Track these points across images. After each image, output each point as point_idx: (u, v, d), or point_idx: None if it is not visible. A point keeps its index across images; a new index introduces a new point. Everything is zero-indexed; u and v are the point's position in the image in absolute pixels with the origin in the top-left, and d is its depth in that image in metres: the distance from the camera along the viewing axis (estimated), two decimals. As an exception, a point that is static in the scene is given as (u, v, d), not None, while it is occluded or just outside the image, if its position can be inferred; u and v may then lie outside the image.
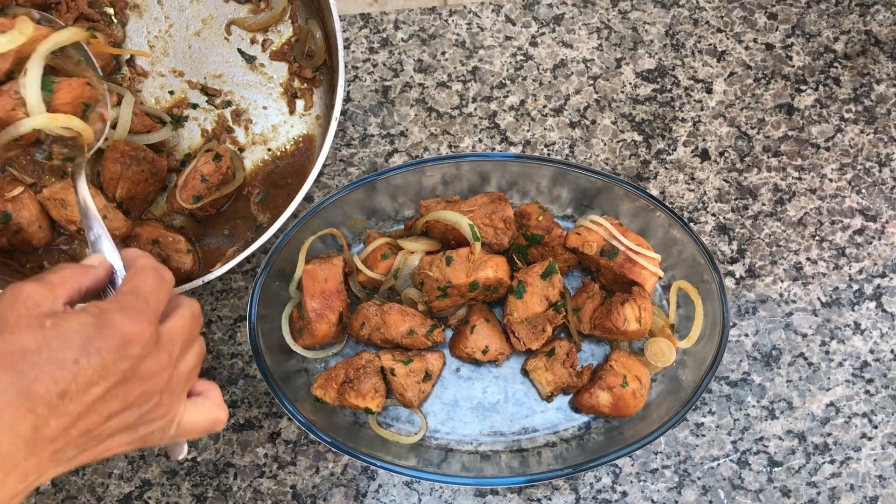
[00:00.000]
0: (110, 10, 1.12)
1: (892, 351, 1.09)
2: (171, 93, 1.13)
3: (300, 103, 1.12)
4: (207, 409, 0.75)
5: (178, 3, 1.13)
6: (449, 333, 1.07)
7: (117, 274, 0.77)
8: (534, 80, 1.18)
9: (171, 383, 0.69)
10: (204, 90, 1.12)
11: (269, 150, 1.12)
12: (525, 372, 1.05)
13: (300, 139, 1.11)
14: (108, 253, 0.78)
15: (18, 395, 0.58)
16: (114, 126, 1.05)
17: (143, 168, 1.03)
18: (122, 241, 1.07)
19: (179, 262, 1.04)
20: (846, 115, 1.17)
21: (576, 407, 1.04)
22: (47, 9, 1.08)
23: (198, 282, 0.98)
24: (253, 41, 1.14)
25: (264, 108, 1.13)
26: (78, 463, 0.64)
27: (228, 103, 1.12)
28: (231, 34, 1.14)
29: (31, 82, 0.83)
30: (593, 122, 1.17)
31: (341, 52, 1.02)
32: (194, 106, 1.12)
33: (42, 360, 0.59)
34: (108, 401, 0.62)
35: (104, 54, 1.07)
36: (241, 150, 1.12)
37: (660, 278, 1.03)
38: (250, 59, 1.13)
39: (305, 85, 1.13)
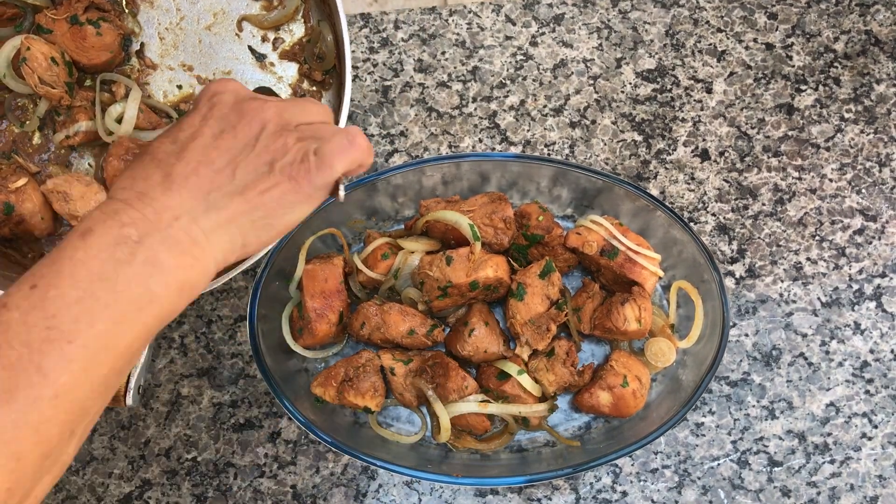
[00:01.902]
0: (122, 0, 1.12)
1: (892, 351, 1.09)
2: (180, 87, 1.12)
3: None
4: (343, 132, 0.74)
5: (191, -6, 1.13)
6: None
7: None
8: (534, 80, 1.18)
9: (290, 116, 0.73)
10: None
11: None
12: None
13: None
14: None
15: (139, 157, 0.70)
16: (119, 120, 1.04)
17: None
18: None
19: None
20: (846, 115, 1.17)
21: (576, 407, 1.04)
22: None
23: None
24: (264, 39, 1.12)
25: None
26: (236, 209, 0.69)
27: None
28: (242, 30, 1.12)
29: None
30: (593, 122, 1.17)
31: (348, 63, 1.01)
32: None
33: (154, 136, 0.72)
34: (220, 136, 0.70)
35: (113, 45, 1.07)
36: None
37: (660, 278, 1.03)
38: (260, 58, 1.12)
39: (315, 87, 1.11)
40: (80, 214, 1.01)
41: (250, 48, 1.12)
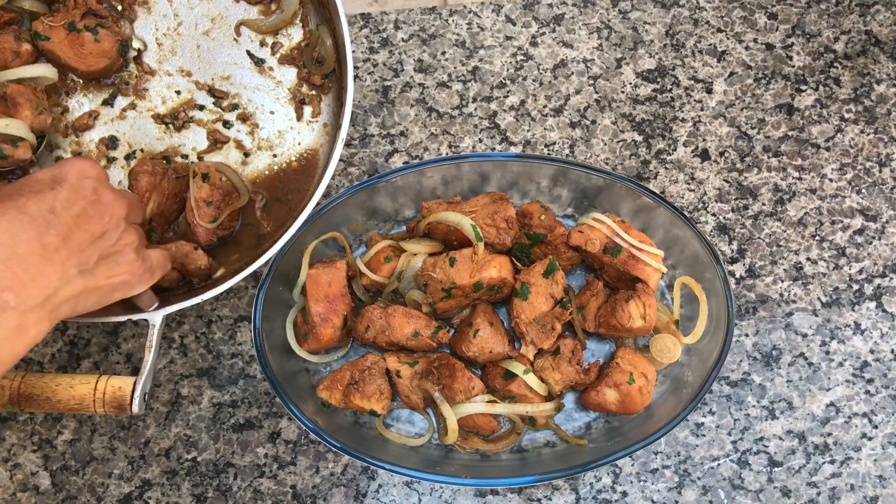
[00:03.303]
0: (119, 6, 1.11)
1: (892, 351, 1.09)
2: (178, 92, 1.11)
3: (308, 110, 1.11)
4: (159, 252, 0.92)
5: (187, 0, 1.12)
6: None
7: None
8: (534, 80, 1.18)
9: (130, 216, 0.85)
10: (211, 91, 1.11)
11: (275, 156, 1.10)
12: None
13: (304, 155, 1.10)
14: None
15: (18, 212, 0.73)
16: None
17: (171, 184, 1.04)
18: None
19: (197, 260, 1.03)
20: (846, 115, 1.17)
21: (581, 406, 1.04)
22: (54, 2, 1.08)
23: (196, 298, 0.97)
24: (262, 44, 1.12)
25: (271, 112, 1.11)
26: (86, 286, 0.78)
27: (235, 106, 1.11)
28: (240, 35, 1.12)
29: None
30: (593, 122, 1.17)
31: (349, 66, 1.00)
32: (201, 107, 1.11)
33: (26, 191, 0.76)
34: (87, 219, 0.79)
35: (111, 52, 1.07)
36: (247, 154, 1.10)
37: (663, 274, 1.03)
38: (259, 62, 1.11)
39: (314, 92, 1.11)
40: None
41: (249, 53, 1.12)
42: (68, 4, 1.06)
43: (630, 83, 1.18)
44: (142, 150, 1.10)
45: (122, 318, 0.97)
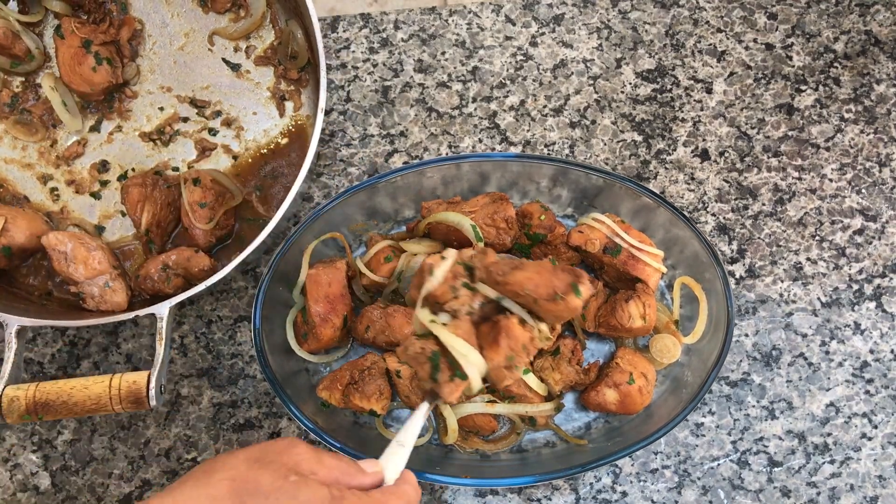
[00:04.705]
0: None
1: (892, 351, 1.09)
2: (161, 109, 1.13)
3: (289, 105, 1.13)
4: None
5: (160, 19, 1.14)
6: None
7: (384, 484, 0.74)
8: (534, 80, 1.18)
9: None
10: (193, 103, 1.13)
11: (263, 152, 1.12)
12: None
13: (292, 129, 1.12)
14: (389, 462, 0.75)
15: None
16: None
17: (163, 194, 1.05)
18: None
19: (199, 262, 1.03)
20: (846, 115, 1.17)
21: (581, 406, 1.04)
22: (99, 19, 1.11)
23: (201, 286, 0.98)
24: (236, 49, 1.15)
25: (254, 113, 1.13)
26: None
27: (218, 113, 1.13)
28: (214, 45, 1.15)
29: None
30: (593, 122, 1.17)
31: (320, 43, 1.02)
32: (185, 119, 1.13)
33: (263, 502, 0.62)
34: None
35: (98, 87, 1.10)
36: (236, 157, 1.12)
37: (663, 274, 1.03)
38: (235, 68, 1.14)
39: (292, 87, 1.13)
40: (80, 280, 1.01)
41: (224, 60, 1.14)
42: (104, 25, 1.08)
43: (630, 83, 1.18)
44: (133, 170, 1.13)
45: (126, 317, 0.97)
